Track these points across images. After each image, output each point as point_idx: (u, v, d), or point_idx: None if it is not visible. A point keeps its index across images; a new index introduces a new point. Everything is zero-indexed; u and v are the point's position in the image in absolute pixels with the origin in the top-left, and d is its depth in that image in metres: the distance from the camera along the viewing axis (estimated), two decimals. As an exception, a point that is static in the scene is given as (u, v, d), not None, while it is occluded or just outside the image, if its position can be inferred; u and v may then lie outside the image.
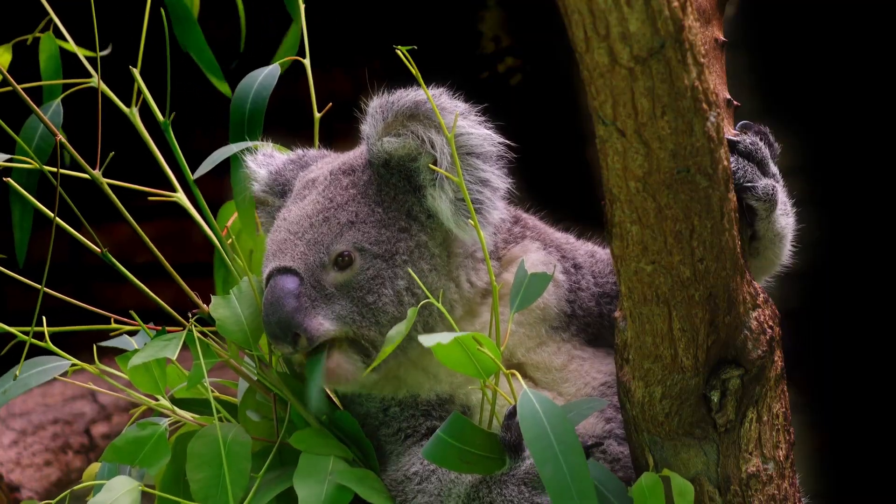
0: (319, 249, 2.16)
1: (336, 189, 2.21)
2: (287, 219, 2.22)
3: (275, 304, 2.11)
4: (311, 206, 2.21)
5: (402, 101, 2.17)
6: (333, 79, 5.88)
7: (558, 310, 2.30)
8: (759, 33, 5.13)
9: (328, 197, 2.21)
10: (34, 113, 2.29)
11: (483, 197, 2.17)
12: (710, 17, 2.13)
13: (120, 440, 2.11)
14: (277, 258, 2.16)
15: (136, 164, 2.69)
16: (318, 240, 2.16)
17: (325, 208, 2.19)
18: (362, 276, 2.16)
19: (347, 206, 2.19)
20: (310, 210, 2.20)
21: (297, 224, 2.19)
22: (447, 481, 2.17)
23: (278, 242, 2.19)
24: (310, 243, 2.16)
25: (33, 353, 2.20)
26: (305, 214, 2.20)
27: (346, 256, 2.15)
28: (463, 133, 2.15)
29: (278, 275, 2.14)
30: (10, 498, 4.77)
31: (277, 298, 2.11)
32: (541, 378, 2.27)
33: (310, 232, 2.17)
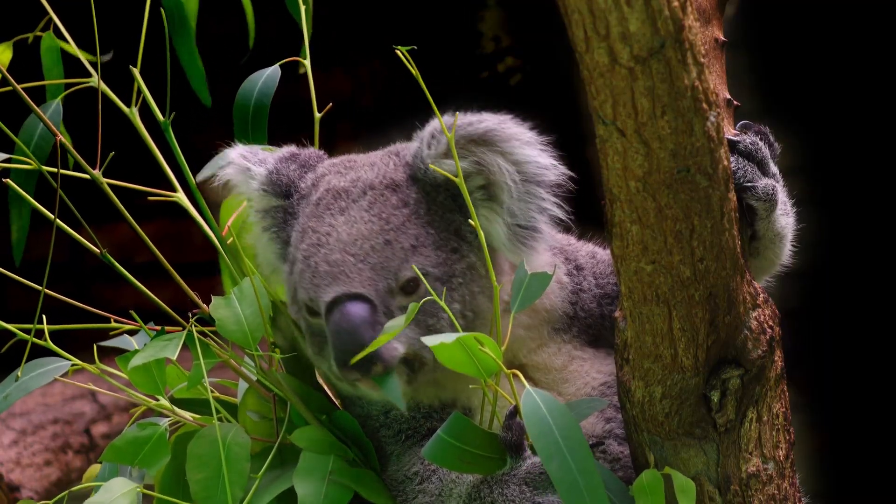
0: (388, 275, 2.11)
1: (386, 208, 2.16)
2: (334, 236, 2.14)
3: (352, 333, 2.05)
4: (365, 226, 2.14)
5: (474, 128, 2.14)
6: (333, 79, 5.89)
7: (562, 312, 2.30)
8: (759, 33, 5.13)
9: (381, 216, 2.15)
10: (34, 113, 2.29)
11: (540, 225, 2.18)
12: (710, 17, 2.13)
13: (120, 440, 2.11)
14: (342, 282, 2.10)
15: (136, 164, 2.69)
16: (385, 265, 2.11)
17: (382, 230, 2.14)
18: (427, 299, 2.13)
19: (406, 229, 2.14)
20: (364, 231, 2.13)
21: (353, 245, 2.12)
22: (448, 481, 2.17)
23: (333, 263, 2.12)
24: (376, 268, 2.11)
25: (33, 352, 2.20)
26: (361, 235, 2.13)
27: (412, 282, 2.12)
28: (529, 161, 2.16)
29: (349, 301, 2.08)
30: (10, 498, 4.77)
31: (354, 328, 2.05)
32: (541, 378, 2.27)
33: (373, 256, 2.11)
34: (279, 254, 2.28)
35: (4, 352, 2.22)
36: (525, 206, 2.16)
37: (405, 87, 5.84)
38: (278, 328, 2.28)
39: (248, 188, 2.28)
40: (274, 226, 2.27)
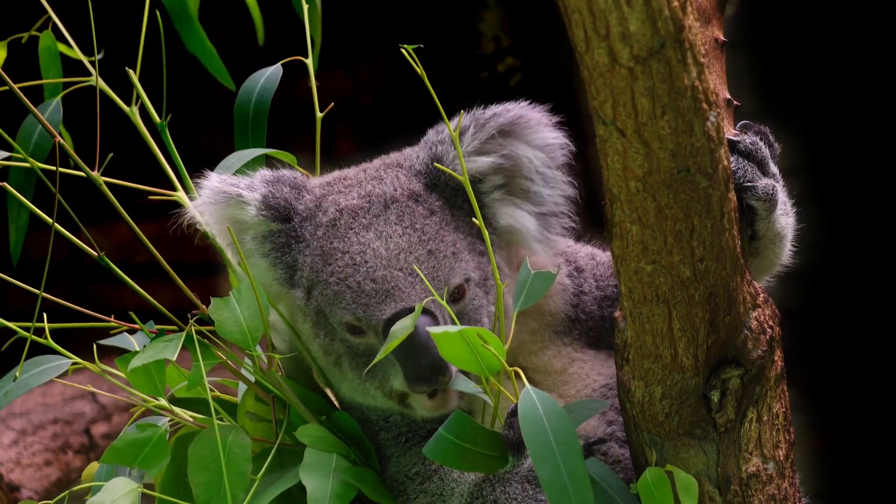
0: (439, 285, 2.11)
1: (417, 219, 2.15)
2: (370, 253, 2.12)
3: (425, 348, 2.03)
4: (402, 240, 2.13)
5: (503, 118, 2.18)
6: (333, 79, 5.89)
7: (564, 315, 2.30)
8: (759, 33, 5.13)
9: (414, 228, 2.14)
10: (32, 113, 2.28)
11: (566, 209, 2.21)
12: (710, 17, 2.13)
13: (119, 442, 2.11)
14: (398, 298, 2.09)
15: (137, 163, 2.69)
16: (434, 275, 2.11)
17: (421, 241, 2.13)
18: (470, 305, 2.14)
19: (443, 237, 2.15)
20: (403, 244, 2.12)
21: (397, 260, 2.11)
22: (450, 481, 2.17)
23: (380, 280, 2.10)
24: (426, 280, 2.10)
25: (33, 351, 2.19)
26: (401, 249, 2.12)
27: (459, 289, 2.13)
28: (552, 144, 2.21)
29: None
30: (10, 498, 4.77)
31: (426, 341, 2.03)
32: (541, 381, 2.27)
33: (421, 267, 2.11)
34: (284, 279, 2.23)
35: (5, 351, 2.22)
36: (553, 192, 2.18)
37: (405, 87, 5.84)
38: (276, 330, 2.28)
39: (241, 215, 2.21)
40: (275, 251, 2.23)
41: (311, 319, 2.19)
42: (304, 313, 2.20)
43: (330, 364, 2.21)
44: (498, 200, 2.21)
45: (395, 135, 2.38)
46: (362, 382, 2.17)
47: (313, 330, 2.19)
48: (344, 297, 2.12)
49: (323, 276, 2.15)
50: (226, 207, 2.20)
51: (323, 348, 2.19)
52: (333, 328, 2.16)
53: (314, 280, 2.17)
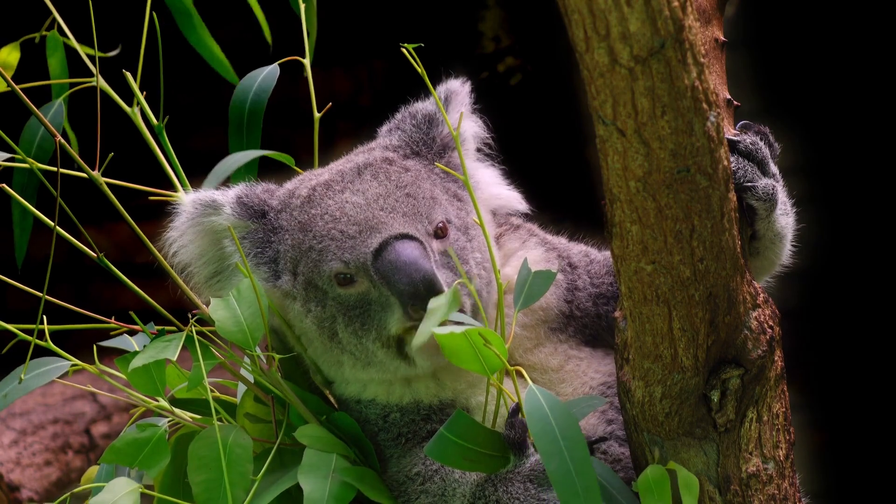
0: (421, 219, 2.15)
1: (392, 175, 2.20)
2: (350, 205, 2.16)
3: (414, 264, 2.07)
4: (378, 189, 2.18)
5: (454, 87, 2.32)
6: (333, 78, 5.88)
7: (558, 310, 2.30)
8: (759, 33, 5.13)
9: (390, 180, 2.19)
10: (34, 115, 2.28)
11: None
12: (710, 17, 2.13)
13: (119, 442, 2.11)
14: (382, 229, 2.12)
15: (139, 163, 2.69)
16: (416, 211, 2.15)
17: (397, 187, 2.18)
18: (455, 245, 2.18)
19: (419, 185, 2.20)
20: (381, 191, 2.17)
21: (376, 203, 2.15)
22: (451, 481, 2.17)
23: (363, 221, 2.13)
24: (408, 215, 2.15)
25: (33, 352, 2.19)
26: (380, 195, 2.17)
27: (441, 226, 2.17)
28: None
29: (401, 240, 2.11)
30: (11, 498, 4.77)
31: (415, 259, 2.08)
32: (538, 378, 2.26)
33: (399, 206, 2.15)
34: (269, 275, 2.24)
35: (6, 353, 2.22)
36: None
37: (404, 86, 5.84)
38: (274, 331, 2.28)
39: (217, 219, 2.22)
40: (255, 248, 2.24)
41: (300, 297, 2.20)
42: (292, 296, 2.21)
43: (325, 338, 2.21)
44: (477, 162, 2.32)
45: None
46: (360, 339, 2.17)
47: (304, 307, 2.20)
48: (329, 249, 2.15)
49: (306, 245, 2.18)
50: (203, 217, 2.22)
51: (317, 320, 2.19)
52: (324, 291, 2.18)
53: (297, 256, 2.19)
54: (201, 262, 2.24)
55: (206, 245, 2.23)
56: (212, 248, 2.24)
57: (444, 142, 2.31)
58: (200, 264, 2.24)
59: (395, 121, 2.35)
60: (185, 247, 2.23)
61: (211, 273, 2.24)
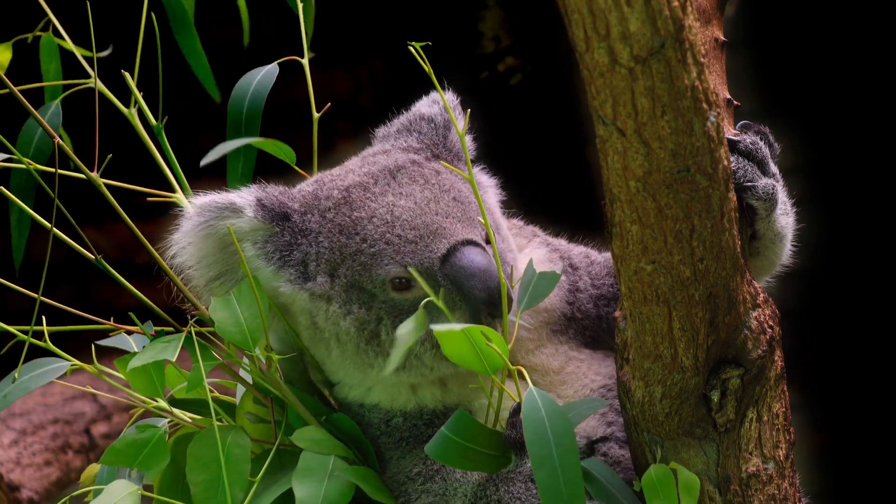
0: (475, 225, 2.15)
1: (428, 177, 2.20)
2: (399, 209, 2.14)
3: (488, 270, 2.08)
4: (425, 193, 2.17)
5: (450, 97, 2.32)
6: (333, 78, 5.88)
7: (560, 312, 2.30)
8: (760, 32, 5.13)
9: (430, 183, 2.18)
10: (32, 116, 2.28)
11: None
12: (710, 17, 2.13)
13: (119, 443, 2.11)
14: (447, 235, 2.11)
15: (138, 163, 2.69)
16: (469, 216, 2.15)
17: (442, 191, 2.18)
18: (499, 248, 2.17)
19: (459, 188, 2.20)
20: (429, 195, 2.16)
21: (428, 208, 2.15)
22: (452, 480, 2.17)
23: (421, 226, 2.12)
24: (463, 220, 2.15)
25: (33, 353, 2.19)
26: (428, 199, 2.16)
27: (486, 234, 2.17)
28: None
29: (469, 246, 2.11)
30: (10, 498, 4.77)
31: (487, 265, 2.09)
32: (538, 380, 2.26)
33: (453, 211, 2.15)
34: (295, 277, 2.19)
35: (5, 352, 2.22)
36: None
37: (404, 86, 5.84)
38: (273, 332, 2.28)
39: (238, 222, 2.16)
40: (279, 251, 2.19)
41: (338, 300, 2.17)
42: (327, 299, 2.18)
43: (362, 342, 2.17)
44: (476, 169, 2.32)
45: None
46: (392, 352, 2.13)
47: (343, 307, 2.16)
48: (385, 253, 2.13)
49: (350, 249, 2.15)
50: (219, 220, 2.16)
51: (358, 321, 2.16)
52: (371, 294, 2.15)
53: (337, 260, 2.16)
54: (205, 264, 2.19)
55: (213, 247, 2.18)
56: (218, 251, 2.18)
57: (456, 148, 2.31)
58: (203, 266, 2.19)
59: (402, 122, 2.34)
60: (190, 248, 2.18)
61: (214, 275, 2.20)
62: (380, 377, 2.20)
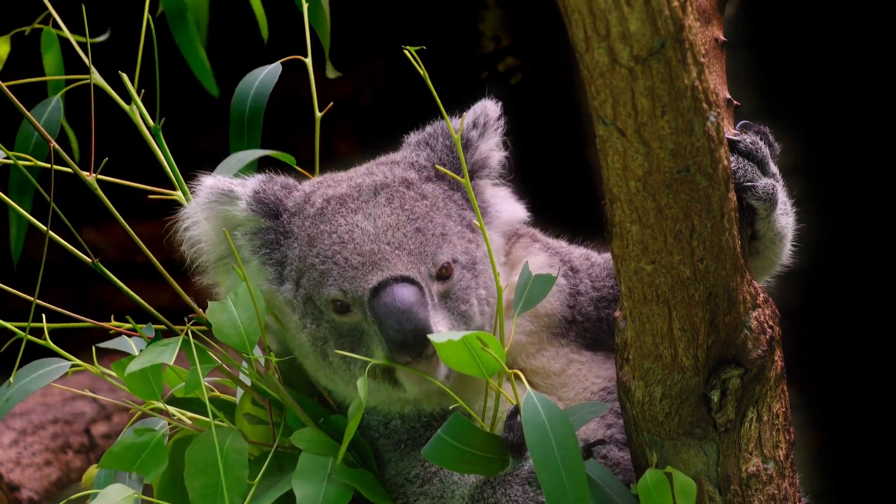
0: (426, 260, 2.13)
1: (407, 201, 2.18)
2: (358, 231, 2.14)
3: (408, 312, 2.06)
4: (390, 218, 2.16)
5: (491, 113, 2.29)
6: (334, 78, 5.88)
7: (561, 316, 2.30)
8: (760, 32, 5.13)
9: (403, 208, 2.17)
10: (25, 117, 2.28)
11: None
12: (710, 17, 2.13)
13: (117, 446, 2.10)
14: (384, 268, 2.11)
15: (139, 162, 2.68)
16: (422, 251, 2.13)
17: (409, 219, 2.16)
18: (457, 286, 2.16)
19: (432, 218, 2.18)
20: (391, 222, 2.15)
21: (385, 235, 2.14)
22: (450, 483, 2.17)
23: (367, 253, 2.12)
24: (413, 254, 2.12)
25: (33, 352, 2.19)
26: (389, 226, 2.15)
27: (446, 268, 2.15)
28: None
29: (399, 283, 2.09)
30: (10, 498, 4.77)
31: (410, 307, 2.06)
32: (539, 383, 2.26)
33: (408, 243, 2.13)
34: (274, 277, 2.23)
35: (4, 353, 2.22)
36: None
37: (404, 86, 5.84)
38: (272, 333, 2.28)
39: (232, 210, 2.22)
40: (264, 247, 2.23)
41: (299, 310, 2.19)
42: (292, 306, 2.20)
43: (318, 356, 2.20)
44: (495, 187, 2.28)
45: (395, 135, 2.39)
46: (348, 365, 2.16)
47: (301, 320, 2.19)
48: (331, 273, 2.14)
49: (309, 261, 2.16)
50: (218, 204, 2.21)
51: (311, 337, 2.18)
52: (320, 311, 2.16)
53: (301, 269, 2.18)
54: (209, 243, 2.23)
55: (216, 229, 2.22)
56: (221, 233, 2.22)
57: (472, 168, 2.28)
58: (210, 245, 2.23)
59: (425, 133, 2.31)
60: (196, 225, 2.22)
61: (220, 255, 2.24)
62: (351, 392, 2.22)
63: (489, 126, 2.28)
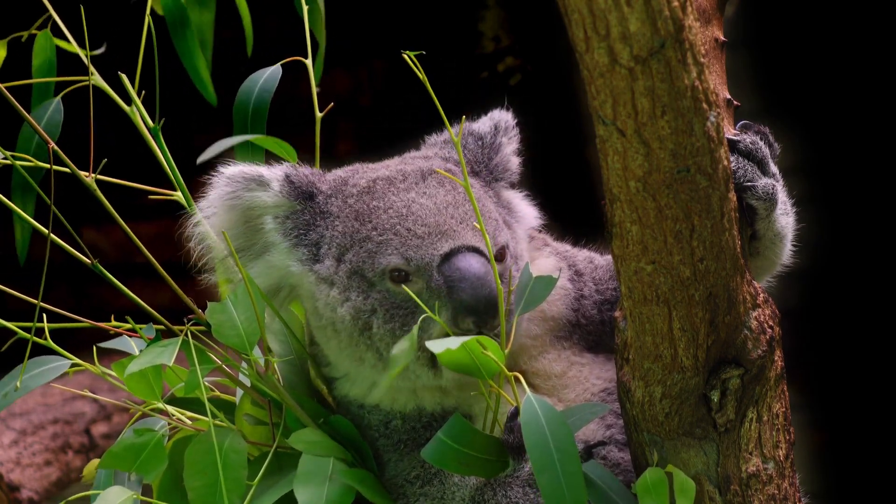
0: (489, 238, 2.13)
1: (458, 186, 2.19)
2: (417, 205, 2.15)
3: (483, 279, 2.07)
4: (448, 197, 2.17)
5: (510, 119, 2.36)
6: (334, 78, 5.89)
7: (565, 320, 2.31)
8: (759, 33, 5.13)
9: (457, 190, 2.18)
10: (25, 119, 2.28)
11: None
12: (710, 17, 2.13)
13: (117, 447, 2.10)
14: (454, 237, 2.12)
15: (141, 162, 2.68)
16: (486, 229, 2.13)
17: (465, 201, 2.17)
18: (506, 272, 2.17)
19: (485, 204, 2.21)
20: (451, 199, 2.17)
21: (447, 210, 2.15)
22: (450, 485, 2.17)
23: (433, 224, 2.13)
24: (476, 232, 2.14)
25: (33, 352, 2.19)
26: (449, 203, 2.16)
27: (502, 251, 2.18)
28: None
29: (471, 252, 2.11)
30: (10, 498, 4.77)
31: (484, 274, 2.08)
32: (541, 385, 2.27)
33: (470, 219, 2.15)
34: (306, 258, 2.22)
35: (4, 352, 2.22)
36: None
37: (405, 86, 5.84)
38: (272, 333, 2.28)
39: (262, 195, 2.21)
40: (297, 229, 2.22)
41: (340, 285, 2.18)
42: (330, 282, 2.19)
43: (357, 330, 2.17)
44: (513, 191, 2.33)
45: (395, 134, 2.39)
46: (395, 337, 2.14)
47: (342, 293, 2.17)
48: (391, 243, 2.14)
49: (361, 234, 2.16)
50: (245, 191, 2.20)
51: (354, 310, 2.16)
52: (371, 283, 2.15)
53: (347, 244, 2.17)
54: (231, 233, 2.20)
55: (236, 219, 2.21)
56: (240, 224, 2.22)
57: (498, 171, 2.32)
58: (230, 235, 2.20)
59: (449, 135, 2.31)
60: (214, 217, 2.21)
61: (239, 246, 2.22)
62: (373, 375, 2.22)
63: (510, 130, 2.33)
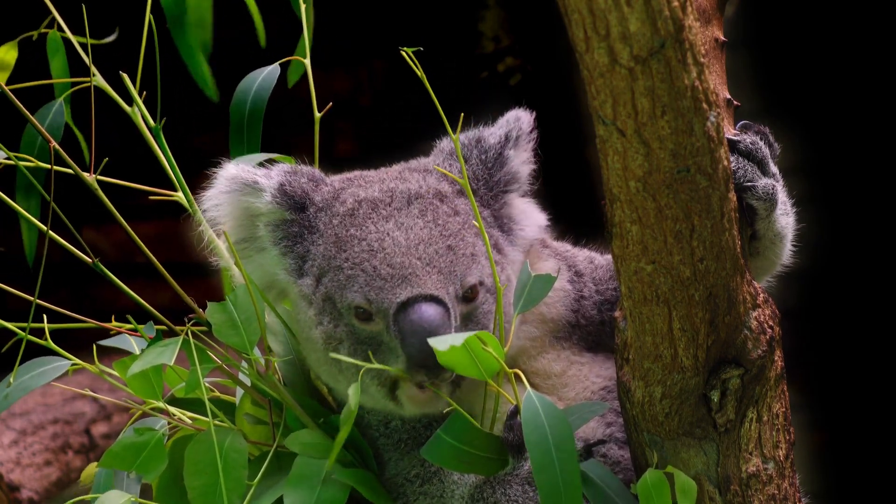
0: (454, 280, 2.10)
1: (440, 215, 2.16)
2: (389, 241, 2.12)
3: (433, 334, 2.02)
4: (423, 232, 2.13)
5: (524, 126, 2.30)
6: (334, 78, 5.89)
7: (566, 321, 2.30)
8: (759, 33, 5.13)
9: (437, 223, 2.15)
10: (28, 120, 2.28)
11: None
12: (710, 17, 2.13)
13: (117, 446, 2.10)
14: (413, 284, 2.08)
15: (142, 162, 2.69)
16: (451, 270, 2.11)
17: (442, 235, 2.13)
18: (480, 309, 2.14)
19: (464, 237, 2.15)
20: (424, 236, 2.13)
21: (416, 249, 2.11)
22: (450, 483, 2.17)
23: (398, 266, 2.10)
24: (443, 273, 2.10)
25: (33, 352, 2.19)
26: (422, 240, 2.12)
27: (473, 290, 2.13)
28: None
29: (427, 302, 2.07)
30: (10, 498, 4.77)
31: (436, 328, 2.04)
32: (540, 384, 2.27)
33: (439, 260, 2.11)
34: (292, 269, 2.21)
35: (5, 352, 2.22)
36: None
37: (405, 86, 5.84)
38: (273, 333, 2.28)
39: (255, 202, 2.21)
40: (287, 240, 2.21)
41: (316, 307, 2.17)
42: (308, 301, 2.18)
43: (327, 353, 2.18)
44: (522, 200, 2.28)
45: (395, 134, 2.39)
46: (357, 370, 2.13)
47: (317, 316, 2.17)
48: (357, 280, 2.11)
49: (336, 263, 2.14)
50: (241, 195, 2.20)
51: (325, 335, 2.16)
52: (340, 313, 2.15)
53: (325, 268, 2.16)
54: (228, 227, 2.21)
55: (236, 215, 2.21)
56: (241, 219, 2.22)
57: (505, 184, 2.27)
58: (230, 228, 2.21)
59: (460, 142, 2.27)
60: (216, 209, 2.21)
61: (239, 239, 2.22)
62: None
63: (521, 139, 2.28)
